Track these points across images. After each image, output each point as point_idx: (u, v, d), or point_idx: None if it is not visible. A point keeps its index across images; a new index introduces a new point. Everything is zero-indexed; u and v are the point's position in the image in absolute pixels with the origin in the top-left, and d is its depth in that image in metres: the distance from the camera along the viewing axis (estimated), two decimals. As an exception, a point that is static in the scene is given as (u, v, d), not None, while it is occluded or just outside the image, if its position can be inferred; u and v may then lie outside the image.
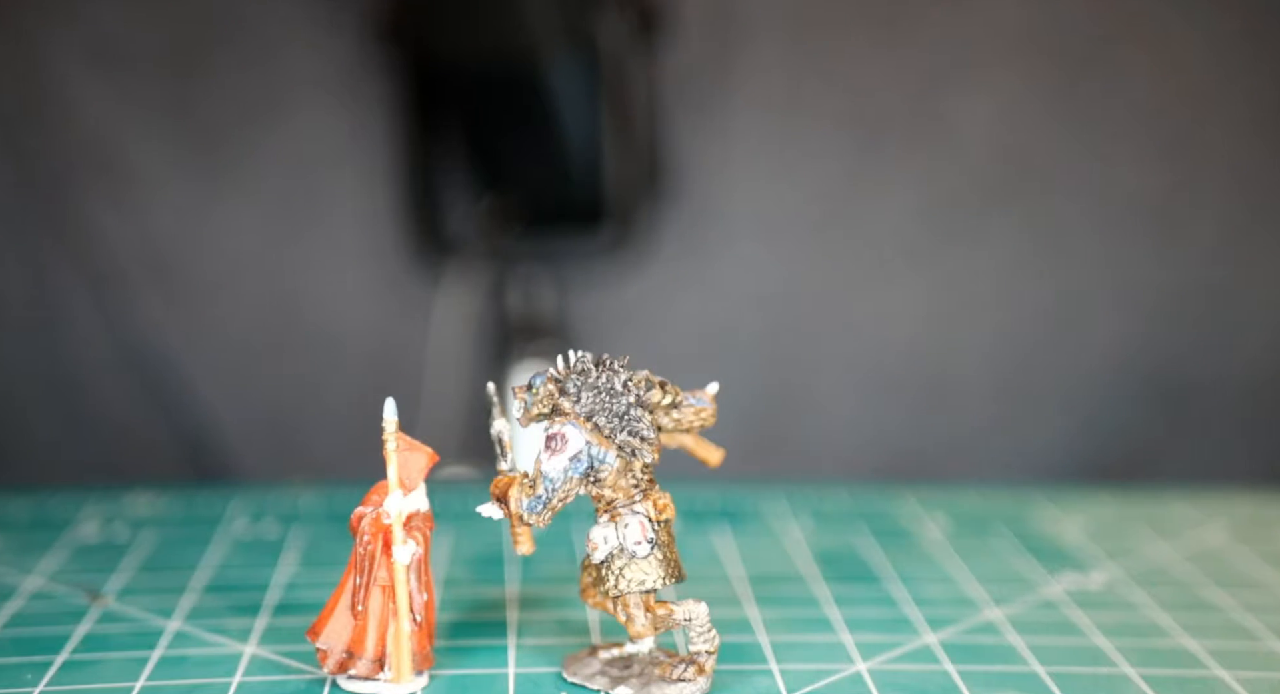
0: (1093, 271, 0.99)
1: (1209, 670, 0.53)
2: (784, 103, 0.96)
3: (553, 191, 0.91)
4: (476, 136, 0.91)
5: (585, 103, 0.88)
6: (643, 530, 0.49)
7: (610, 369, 0.50)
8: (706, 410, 0.52)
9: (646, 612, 0.50)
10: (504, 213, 0.91)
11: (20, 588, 0.61)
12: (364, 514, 0.50)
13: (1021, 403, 1.03)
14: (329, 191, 0.90)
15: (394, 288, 0.91)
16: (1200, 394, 1.00)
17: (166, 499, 0.73)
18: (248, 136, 0.90)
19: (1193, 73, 0.97)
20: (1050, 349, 1.03)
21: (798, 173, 0.96)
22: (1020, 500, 0.75)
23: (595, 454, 0.49)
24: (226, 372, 0.90)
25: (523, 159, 0.90)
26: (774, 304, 0.96)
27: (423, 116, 0.90)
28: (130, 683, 0.51)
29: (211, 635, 0.55)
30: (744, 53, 0.95)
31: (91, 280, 0.90)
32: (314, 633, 0.51)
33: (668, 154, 0.93)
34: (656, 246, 0.93)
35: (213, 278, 0.92)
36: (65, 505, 0.72)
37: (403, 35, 0.89)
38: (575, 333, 0.91)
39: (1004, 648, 0.55)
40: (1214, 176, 0.98)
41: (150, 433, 0.90)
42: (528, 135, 0.90)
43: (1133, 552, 0.67)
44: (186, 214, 0.91)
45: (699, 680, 0.50)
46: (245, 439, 0.90)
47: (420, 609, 0.50)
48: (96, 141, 0.90)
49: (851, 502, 0.74)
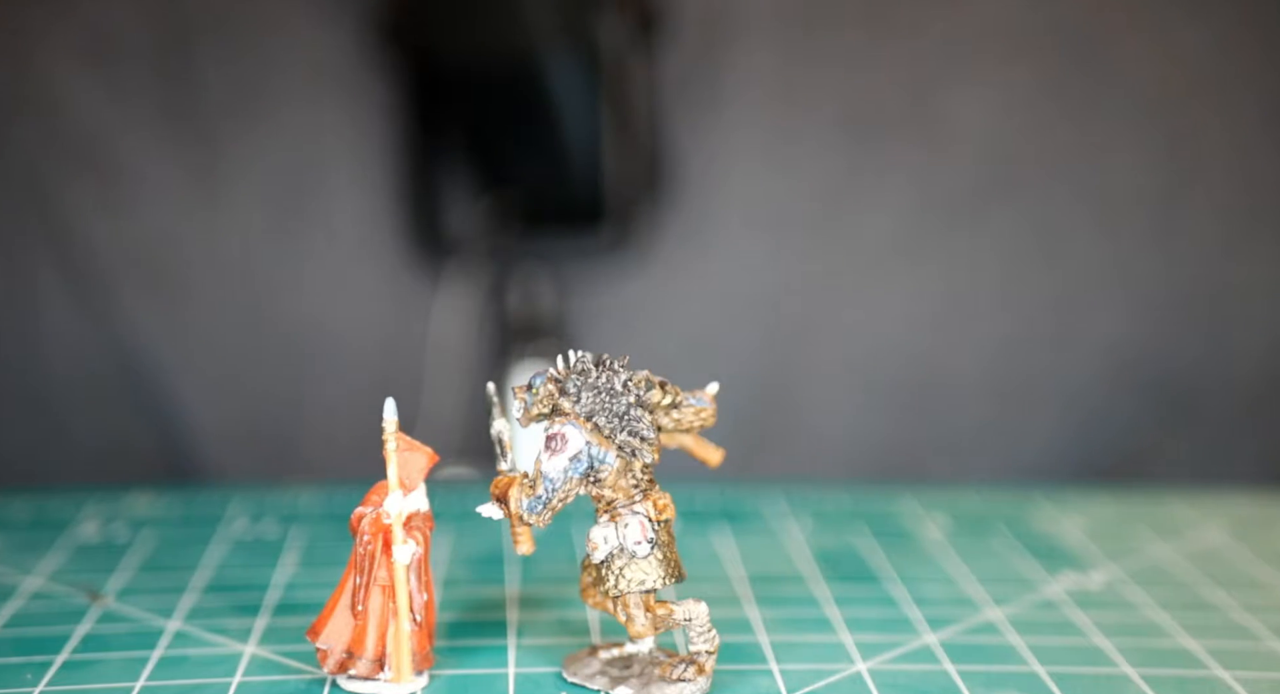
0: (1091, 269, 0.99)
1: (1209, 670, 0.53)
2: (784, 102, 0.95)
3: (553, 191, 0.91)
4: (476, 136, 0.90)
5: (585, 103, 0.88)
6: (643, 530, 0.49)
7: (610, 369, 0.50)
8: (706, 410, 0.52)
9: (646, 612, 0.50)
10: (504, 213, 0.91)
11: (20, 588, 0.61)
12: (364, 514, 0.50)
13: (1019, 403, 1.03)
14: (328, 191, 0.90)
15: (394, 288, 0.90)
16: (1200, 394, 0.99)
17: (166, 499, 0.73)
18: (247, 136, 0.90)
19: (1193, 67, 0.97)
20: (1048, 348, 1.02)
21: (798, 172, 0.96)
22: (1020, 500, 0.75)
23: (595, 454, 0.49)
24: (225, 372, 0.90)
25: (523, 159, 0.90)
26: (774, 303, 0.96)
27: (422, 116, 0.90)
28: (130, 683, 0.51)
29: (211, 635, 0.55)
30: (744, 52, 0.95)
31: (88, 280, 0.90)
32: (314, 633, 0.51)
33: (668, 154, 0.93)
34: (656, 246, 0.93)
35: (211, 277, 0.92)
36: (65, 505, 0.72)
37: (402, 34, 0.89)
38: (575, 333, 0.91)
39: (1004, 648, 0.55)
40: (1215, 174, 0.98)
41: (148, 433, 0.90)
42: (528, 135, 0.89)
43: (1132, 552, 0.67)
44: (185, 213, 0.91)
45: (699, 680, 0.50)
46: (245, 439, 0.90)
47: (420, 609, 0.50)
48: (87, 140, 0.90)
49: (851, 502, 0.74)
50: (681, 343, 0.94)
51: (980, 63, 1.01)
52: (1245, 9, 0.97)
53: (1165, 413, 0.99)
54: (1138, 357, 0.99)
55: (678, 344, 0.94)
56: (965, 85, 1.01)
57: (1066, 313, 1.00)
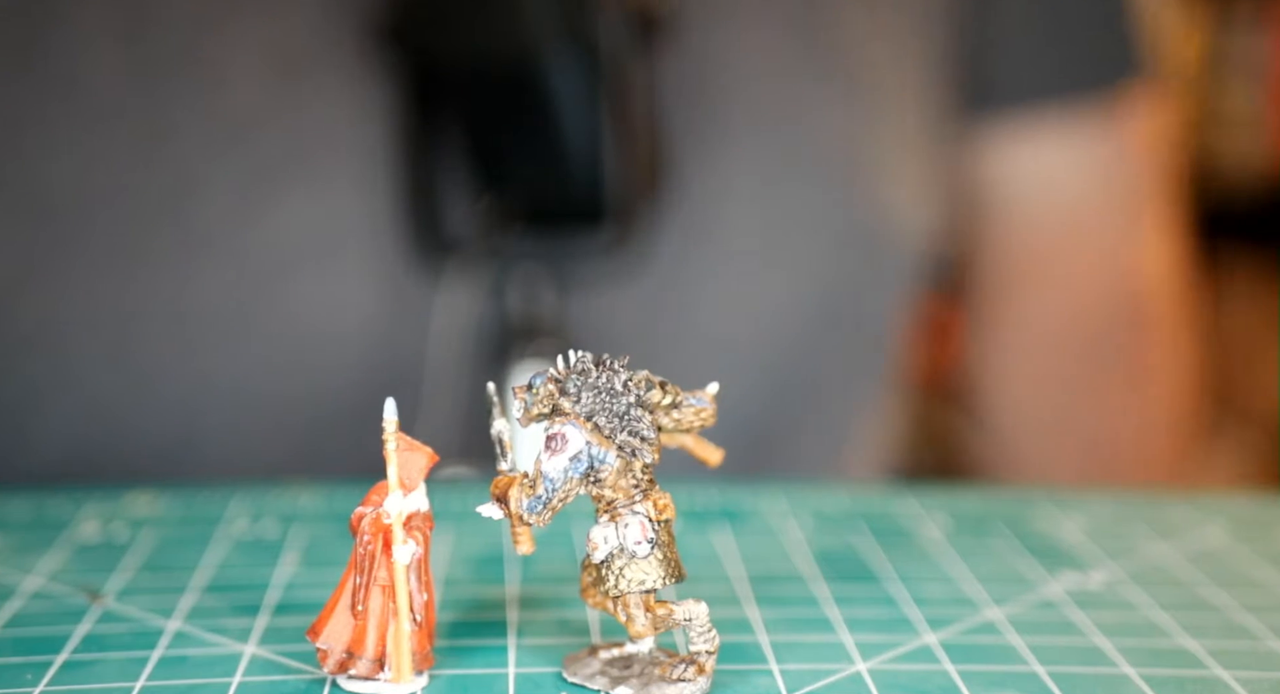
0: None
1: (1209, 670, 0.53)
2: (784, 102, 0.95)
3: (553, 191, 0.91)
4: (476, 136, 0.90)
5: (585, 103, 0.88)
6: (643, 530, 0.49)
7: (610, 369, 0.50)
8: (706, 410, 0.52)
9: (646, 612, 0.50)
10: (504, 213, 0.91)
11: (20, 588, 0.61)
12: (364, 514, 0.50)
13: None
14: (328, 191, 0.90)
15: (394, 288, 0.90)
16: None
17: (166, 499, 0.73)
18: (246, 135, 0.90)
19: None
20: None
21: (797, 172, 0.96)
22: (1020, 500, 0.75)
23: (595, 454, 0.49)
24: (225, 371, 0.90)
25: (523, 159, 0.90)
26: (774, 303, 0.95)
27: (422, 116, 0.90)
28: (130, 683, 0.51)
29: (211, 635, 0.55)
30: (744, 52, 0.95)
31: (86, 277, 0.90)
32: (314, 633, 0.51)
33: (668, 154, 0.93)
34: (656, 246, 0.92)
35: (211, 277, 0.91)
36: (65, 505, 0.72)
37: (402, 35, 0.89)
38: (575, 333, 0.91)
39: (1004, 648, 0.55)
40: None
41: (147, 433, 0.90)
42: (528, 135, 0.89)
43: (1133, 552, 0.67)
44: (184, 213, 0.91)
45: (699, 680, 0.50)
46: (244, 439, 0.90)
47: (420, 609, 0.50)
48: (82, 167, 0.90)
49: (851, 502, 0.74)
50: (681, 342, 0.94)
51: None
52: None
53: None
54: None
55: (677, 343, 0.94)
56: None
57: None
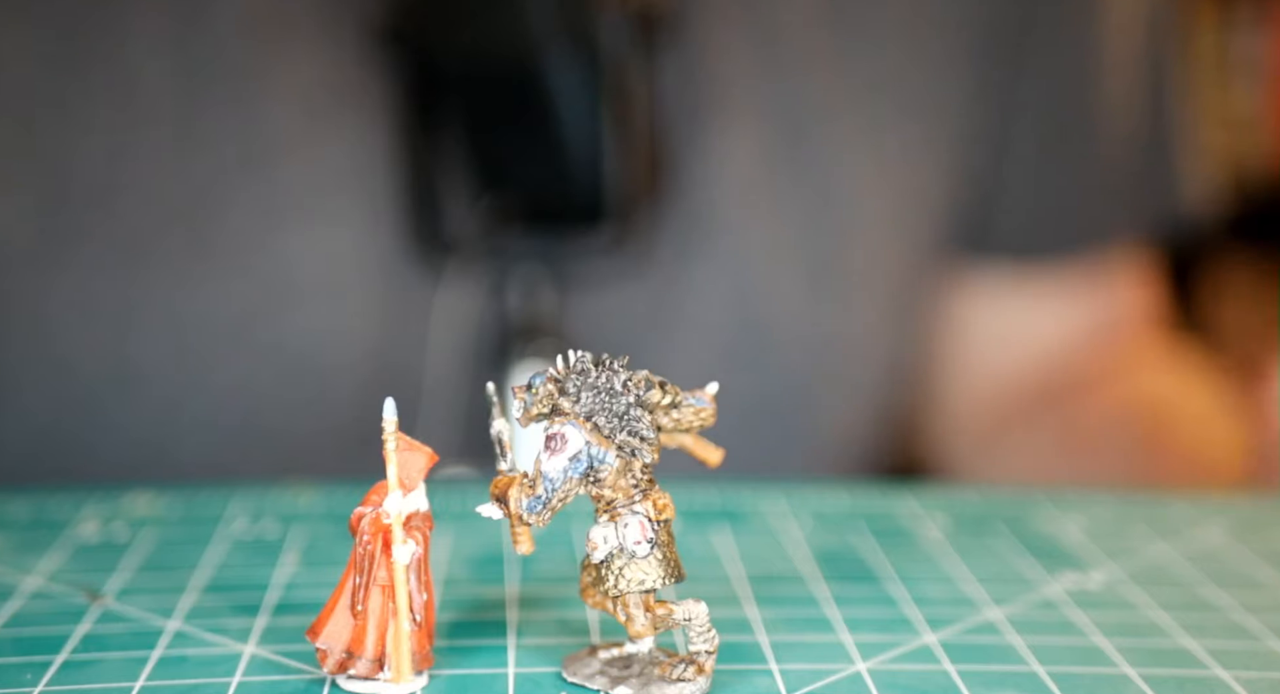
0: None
1: (1209, 670, 0.53)
2: (784, 102, 0.95)
3: (553, 191, 0.91)
4: (476, 136, 0.90)
5: (585, 103, 0.88)
6: (643, 530, 0.49)
7: (610, 369, 0.50)
8: (706, 410, 0.52)
9: (646, 612, 0.50)
10: (504, 213, 0.91)
11: (20, 588, 0.61)
12: (364, 514, 0.50)
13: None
14: (327, 191, 0.90)
15: (394, 288, 0.90)
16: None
17: (166, 499, 0.73)
18: (246, 135, 0.90)
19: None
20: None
21: (798, 172, 0.96)
22: (1020, 500, 0.75)
23: (595, 454, 0.49)
24: (225, 371, 0.90)
25: (523, 159, 0.90)
26: (774, 303, 0.95)
27: (422, 116, 0.90)
28: (130, 683, 0.51)
29: (211, 635, 0.55)
30: (744, 51, 0.95)
31: (91, 280, 0.90)
32: (314, 633, 0.51)
33: (668, 154, 0.92)
34: (656, 246, 0.92)
35: (211, 277, 0.91)
36: (65, 505, 0.72)
37: (402, 34, 0.89)
38: (575, 333, 0.91)
39: (1004, 648, 0.55)
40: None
41: (146, 433, 0.90)
42: (528, 135, 0.89)
43: (1132, 552, 0.67)
44: (183, 213, 0.90)
45: (699, 680, 0.50)
46: (244, 439, 0.90)
47: (420, 609, 0.50)
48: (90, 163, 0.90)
49: (851, 502, 0.74)
50: (681, 342, 0.94)
51: (980, 63, 1.01)
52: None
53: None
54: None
55: (677, 343, 0.94)
56: (965, 83, 1.01)
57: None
